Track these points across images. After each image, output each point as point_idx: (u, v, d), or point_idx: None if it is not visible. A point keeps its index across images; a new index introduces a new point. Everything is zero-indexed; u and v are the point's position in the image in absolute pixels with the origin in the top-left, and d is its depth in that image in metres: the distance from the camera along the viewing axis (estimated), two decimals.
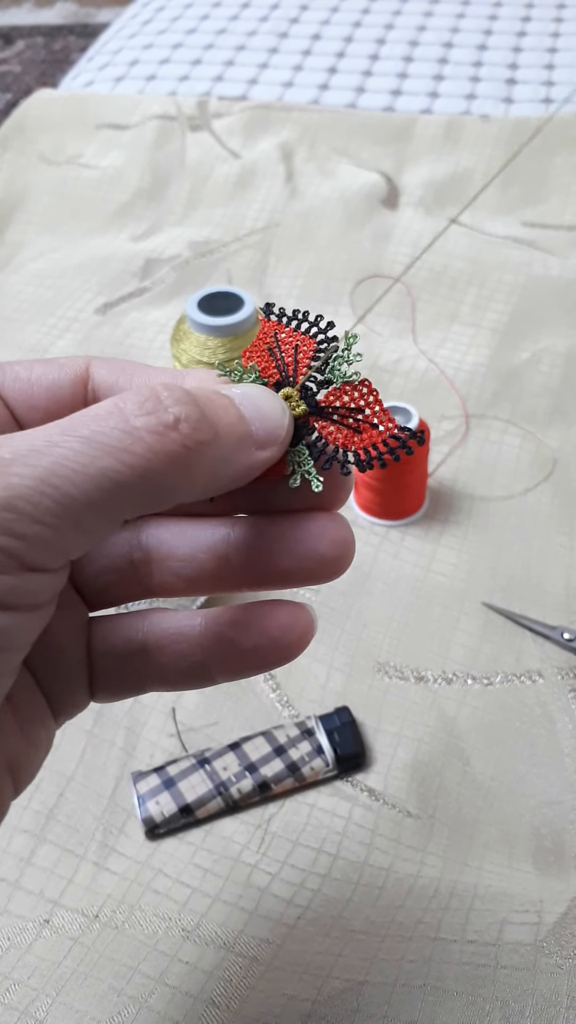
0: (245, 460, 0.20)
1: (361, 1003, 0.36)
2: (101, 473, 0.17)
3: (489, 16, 1.09)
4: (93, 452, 0.17)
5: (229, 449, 0.20)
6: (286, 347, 0.23)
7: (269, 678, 0.51)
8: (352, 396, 0.23)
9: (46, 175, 0.93)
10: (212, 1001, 0.37)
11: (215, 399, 0.20)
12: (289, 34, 1.09)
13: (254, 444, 0.20)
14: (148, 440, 0.18)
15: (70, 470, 0.17)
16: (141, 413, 0.18)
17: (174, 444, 0.18)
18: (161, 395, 0.19)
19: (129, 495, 0.18)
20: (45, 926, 0.41)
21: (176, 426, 0.18)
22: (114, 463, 0.18)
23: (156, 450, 0.18)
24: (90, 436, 0.18)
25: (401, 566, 0.56)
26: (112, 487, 0.18)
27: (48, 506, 0.17)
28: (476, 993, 0.36)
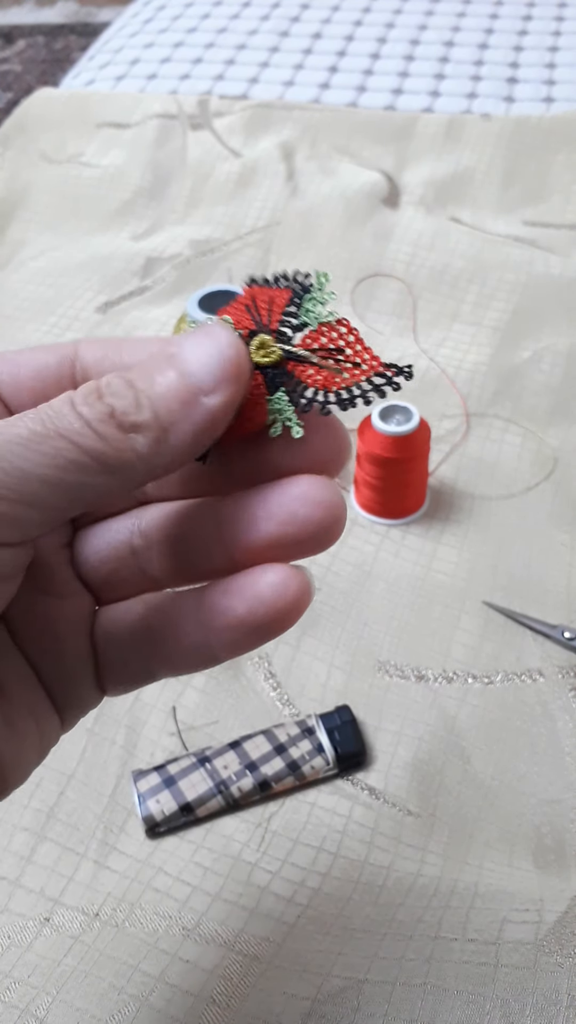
0: (197, 415, 0.20)
1: (361, 1001, 0.36)
2: (55, 451, 0.19)
3: (490, 15, 1.09)
4: (46, 431, 0.19)
5: (175, 415, 0.20)
6: (262, 302, 0.23)
7: (269, 677, 0.51)
8: (331, 337, 0.22)
9: (47, 174, 0.93)
10: (212, 999, 0.38)
11: (152, 369, 0.20)
12: (290, 33, 1.09)
13: (201, 393, 0.20)
14: (94, 427, 0.19)
15: (22, 447, 0.19)
16: (84, 403, 0.19)
17: (113, 430, 0.19)
18: (101, 387, 0.20)
19: (85, 475, 0.19)
20: (45, 924, 0.41)
21: (112, 415, 0.19)
22: (66, 444, 0.19)
23: (101, 435, 0.19)
24: (44, 419, 0.19)
25: (402, 565, 0.56)
26: (67, 465, 0.19)
27: (2, 479, 0.18)
28: (476, 992, 0.36)
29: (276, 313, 0.23)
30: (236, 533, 0.22)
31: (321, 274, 0.22)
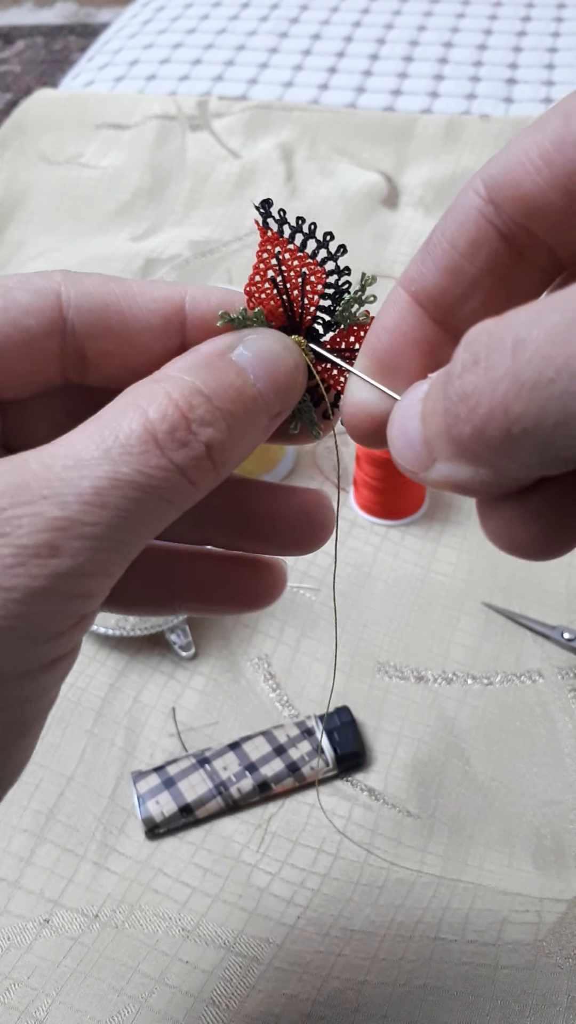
0: (261, 434, 0.20)
1: (361, 1003, 0.36)
2: (148, 514, 0.18)
3: (489, 16, 1.09)
4: (142, 496, 0.17)
5: (246, 440, 0.19)
6: (291, 274, 0.21)
7: (269, 678, 0.51)
8: (358, 337, 0.21)
9: (46, 175, 0.93)
10: (212, 1001, 0.37)
11: (232, 388, 0.19)
12: (289, 34, 1.09)
13: (267, 415, 0.20)
14: (188, 476, 0.18)
15: (123, 520, 0.17)
16: (174, 445, 0.18)
17: (207, 470, 0.18)
18: (187, 415, 0.18)
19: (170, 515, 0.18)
20: (45, 926, 0.41)
21: (209, 455, 0.18)
22: (158, 502, 0.18)
23: (193, 482, 0.18)
24: (139, 481, 0.17)
25: (401, 566, 0.56)
26: (157, 520, 0.18)
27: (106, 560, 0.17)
28: (476, 993, 0.36)
29: (311, 304, 0.21)
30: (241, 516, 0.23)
31: (368, 278, 0.21)
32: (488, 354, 0.14)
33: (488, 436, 0.15)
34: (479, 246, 0.18)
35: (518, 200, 0.17)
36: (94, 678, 0.51)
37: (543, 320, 0.14)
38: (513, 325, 0.14)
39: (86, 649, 0.52)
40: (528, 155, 0.17)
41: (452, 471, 0.16)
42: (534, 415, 0.14)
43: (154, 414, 0.18)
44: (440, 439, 0.16)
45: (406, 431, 0.17)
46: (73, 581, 0.17)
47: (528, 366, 0.14)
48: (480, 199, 0.18)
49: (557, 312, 0.14)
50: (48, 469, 0.17)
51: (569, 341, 0.13)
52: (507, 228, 0.18)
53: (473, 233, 0.18)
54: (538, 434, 0.14)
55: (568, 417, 0.13)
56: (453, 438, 0.16)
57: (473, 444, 0.15)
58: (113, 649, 0.52)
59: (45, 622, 0.17)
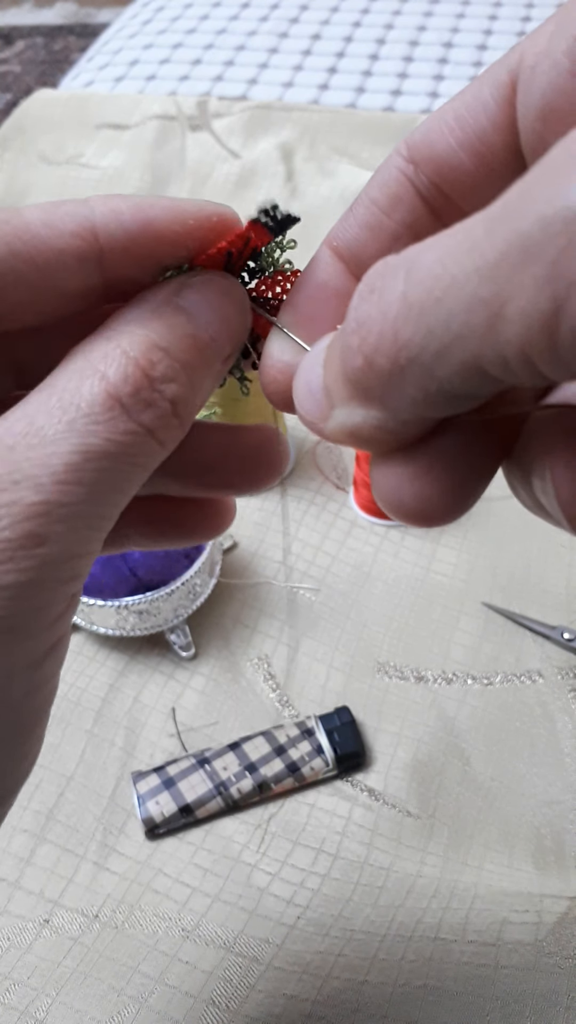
0: (216, 380, 0.19)
1: (361, 1003, 0.36)
2: (122, 481, 0.17)
3: (489, 16, 1.09)
4: (116, 465, 0.17)
5: (207, 384, 0.19)
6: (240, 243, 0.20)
7: (269, 678, 0.51)
8: (284, 288, 0.21)
9: (46, 175, 0.93)
10: (212, 1001, 0.37)
11: (187, 337, 0.18)
12: (289, 34, 1.09)
13: (220, 359, 0.19)
14: (158, 436, 0.17)
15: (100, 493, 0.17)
16: (140, 407, 0.17)
17: (174, 427, 0.18)
18: (149, 372, 0.17)
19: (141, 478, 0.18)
20: (45, 926, 0.41)
21: (175, 411, 0.18)
22: (131, 467, 0.17)
23: (162, 441, 0.18)
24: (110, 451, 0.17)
25: (401, 566, 0.56)
26: (130, 485, 0.17)
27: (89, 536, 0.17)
28: (476, 993, 0.36)
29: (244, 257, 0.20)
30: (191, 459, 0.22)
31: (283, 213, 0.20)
32: (383, 282, 0.14)
33: (378, 366, 0.15)
34: (398, 202, 0.18)
35: (432, 160, 0.18)
36: (94, 678, 0.51)
37: (436, 243, 0.14)
38: (409, 253, 0.14)
39: (86, 649, 0.52)
40: (444, 117, 0.17)
41: (347, 416, 0.16)
42: (419, 341, 0.14)
43: (114, 376, 0.17)
44: (337, 381, 0.16)
45: (308, 380, 0.17)
46: (63, 566, 0.17)
47: (417, 287, 0.14)
48: (402, 159, 0.18)
49: (450, 235, 0.13)
50: (11, 450, 0.16)
51: (458, 260, 0.13)
52: (424, 188, 0.18)
53: (393, 190, 0.18)
54: (423, 361, 0.14)
55: (452, 341, 0.13)
56: (347, 375, 0.16)
57: (363, 377, 0.15)
58: (113, 649, 0.52)
59: (43, 612, 0.17)
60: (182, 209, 0.18)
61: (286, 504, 0.59)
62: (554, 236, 0.12)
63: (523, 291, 0.12)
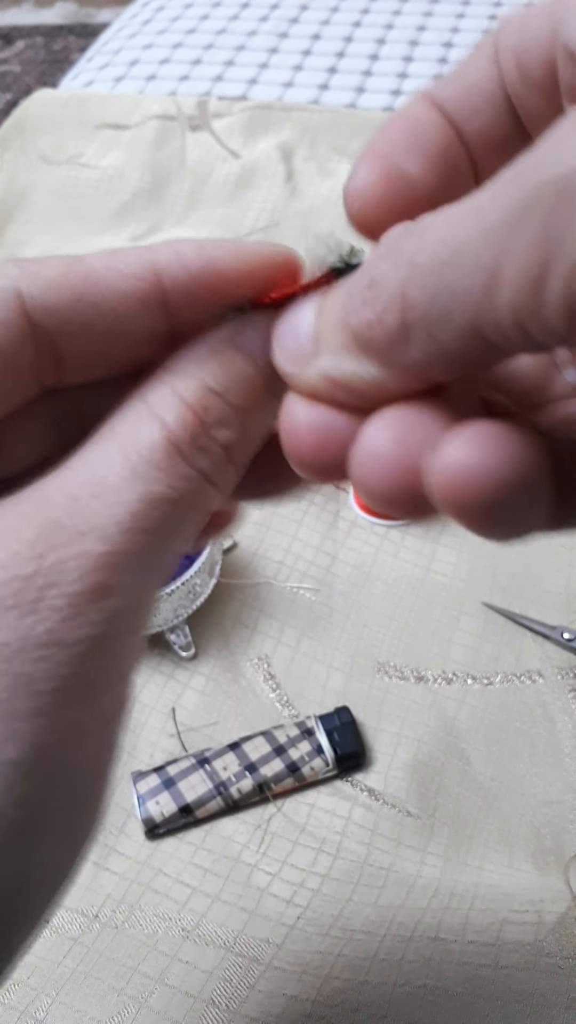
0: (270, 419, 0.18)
1: (361, 1003, 0.36)
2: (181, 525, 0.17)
3: (488, 16, 1.09)
4: (176, 512, 0.17)
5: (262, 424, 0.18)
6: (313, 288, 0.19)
7: (269, 678, 0.51)
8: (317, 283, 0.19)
9: (46, 175, 0.93)
10: (212, 1001, 0.37)
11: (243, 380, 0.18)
12: (289, 34, 1.09)
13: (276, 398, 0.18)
14: (213, 481, 0.17)
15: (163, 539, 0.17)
16: (197, 453, 0.17)
17: (228, 472, 0.18)
18: (204, 418, 0.17)
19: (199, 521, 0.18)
20: (45, 926, 0.41)
21: (228, 457, 0.18)
22: (189, 511, 0.17)
23: (218, 486, 0.18)
24: (172, 497, 0.17)
25: (401, 566, 0.56)
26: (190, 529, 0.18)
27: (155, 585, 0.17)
28: (476, 993, 0.36)
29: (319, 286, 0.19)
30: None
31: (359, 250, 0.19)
32: (399, 243, 0.14)
33: (385, 324, 0.15)
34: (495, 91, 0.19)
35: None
36: None
37: (449, 210, 0.14)
38: (425, 219, 0.14)
39: None
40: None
41: (335, 365, 0.16)
42: (425, 303, 0.14)
43: (172, 422, 0.17)
44: (333, 329, 0.16)
45: (297, 323, 0.17)
46: (131, 616, 0.16)
47: (426, 250, 0.14)
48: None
49: (461, 204, 0.14)
50: (76, 500, 0.16)
51: (465, 226, 0.13)
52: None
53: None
54: (427, 324, 0.14)
55: (454, 304, 0.13)
56: (350, 326, 0.15)
57: (369, 331, 0.15)
58: None
59: (113, 666, 0.17)
60: (244, 250, 0.18)
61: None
62: (545, 198, 0.12)
63: (515, 255, 0.12)
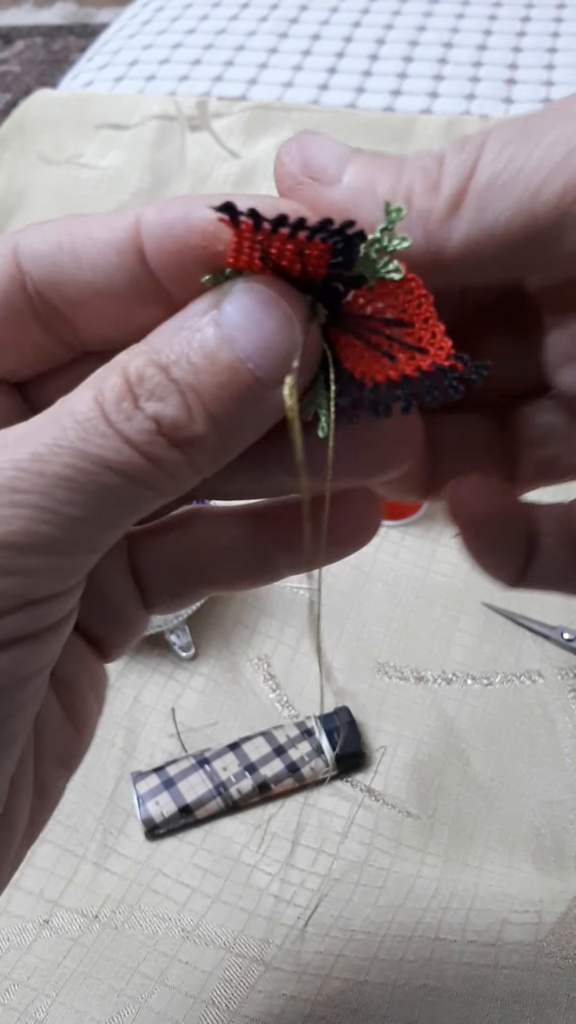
0: (262, 415, 0.16)
1: (361, 1003, 0.36)
2: (106, 490, 0.16)
3: (489, 16, 1.09)
4: (93, 469, 0.16)
5: (236, 420, 0.16)
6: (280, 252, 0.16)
7: (269, 678, 0.51)
8: (391, 301, 0.16)
9: (46, 175, 0.93)
10: (212, 1001, 0.37)
11: (195, 350, 0.16)
12: (289, 34, 1.09)
13: (264, 387, 0.16)
14: (139, 449, 0.16)
15: (69, 491, 0.16)
16: (122, 416, 0.16)
17: (164, 450, 0.16)
18: (132, 382, 0.16)
19: (131, 502, 0.16)
20: (45, 926, 0.41)
21: (160, 431, 0.16)
22: (116, 479, 0.16)
23: (149, 458, 0.16)
24: (85, 450, 0.16)
25: (401, 566, 0.56)
26: (121, 500, 0.16)
27: (48, 534, 0.16)
28: (476, 993, 0.36)
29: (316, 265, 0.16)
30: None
31: (393, 208, 0.15)
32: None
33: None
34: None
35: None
36: None
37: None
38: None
39: None
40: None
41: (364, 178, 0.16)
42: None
43: (106, 385, 0.16)
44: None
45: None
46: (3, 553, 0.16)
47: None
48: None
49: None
50: (4, 449, 0.16)
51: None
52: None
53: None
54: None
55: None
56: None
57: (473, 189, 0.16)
58: None
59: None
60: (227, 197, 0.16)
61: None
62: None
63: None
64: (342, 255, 0.15)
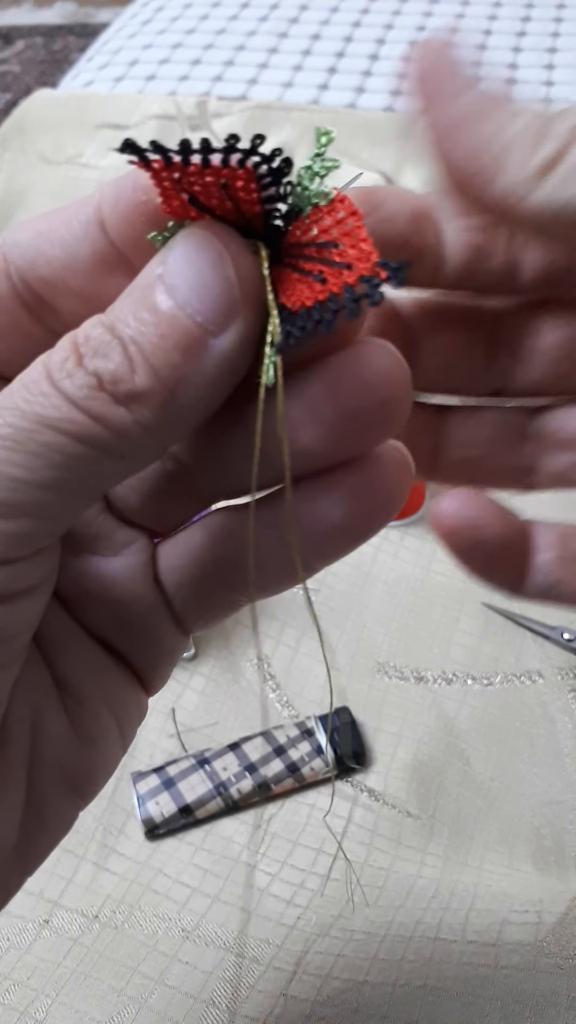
0: (209, 365, 0.16)
1: (361, 1003, 0.36)
2: (45, 448, 0.15)
3: (489, 16, 1.09)
4: (31, 427, 0.15)
5: (180, 369, 0.15)
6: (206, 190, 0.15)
7: (269, 678, 0.51)
8: (325, 225, 0.16)
9: (46, 175, 0.93)
10: (212, 1001, 0.37)
11: (137, 304, 0.16)
12: (289, 34, 1.09)
13: (208, 333, 0.15)
14: (82, 407, 0.15)
15: (6, 450, 0.15)
16: (64, 375, 0.16)
17: (106, 406, 0.15)
18: (79, 343, 0.16)
19: (89, 466, 0.16)
20: (45, 926, 0.41)
21: (101, 386, 0.15)
22: (55, 436, 0.15)
23: (93, 416, 0.15)
24: (26, 409, 0.15)
25: (401, 566, 0.56)
26: (64, 461, 0.15)
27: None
28: (476, 993, 0.36)
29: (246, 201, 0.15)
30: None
31: (322, 132, 0.16)
32: None
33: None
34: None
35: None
36: None
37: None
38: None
39: None
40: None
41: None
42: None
43: (55, 349, 0.16)
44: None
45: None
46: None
47: None
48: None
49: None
50: None
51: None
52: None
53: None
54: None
55: None
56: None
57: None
58: None
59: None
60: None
61: None
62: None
63: None
64: (270, 182, 0.15)
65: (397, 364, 0.17)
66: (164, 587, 0.21)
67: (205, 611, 0.21)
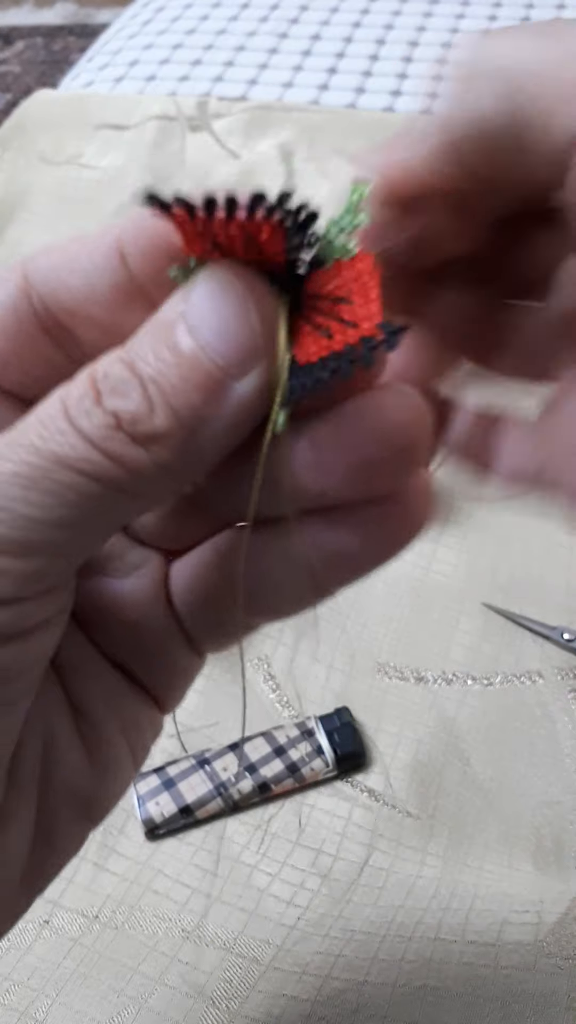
0: (229, 408, 0.15)
1: (361, 1003, 0.36)
2: (61, 488, 0.15)
3: (489, 16, 1.09)
4: (47, 465, 0.15)
5: (201, 412, 0.15)
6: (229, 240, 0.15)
7: (269, 678, 0.51)
8: (342, 280, 0.16)
9: (46, 175, 0.93)
10: (212, 1001, 0.37)
11: (157, 343, 0.16)
12: (289, 34, 1.09)
13: (229, 376, 0.15)
14: (99, 447, 0.15)
15: (22, 488, 0.15)
16: (81, 412, 0.15)
17: (124, 447, 0.15)
18: (97, 380, 0.16)
19: (105, 506, 0.16)
20: (45, 927, 0.41)
21: (119, 426, 0.15)
22: (73, 476, 0.15)
23: (111, 456, 0.15)
24: (41, 446, 0.15)
25: (401, 566, 0.56)
26: (79, 501, 0.15)
27: (5, 534, 0.15)
28: (476, 994, 0.36)
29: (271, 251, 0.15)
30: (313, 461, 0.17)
31: (358, 186, 0.16)
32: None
33: None
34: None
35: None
36: None
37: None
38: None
39: None
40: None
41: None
42: None
43: (72, 384, 0.16)
44: None
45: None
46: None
47: None
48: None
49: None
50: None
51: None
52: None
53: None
54: None
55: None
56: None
57: None
58: None
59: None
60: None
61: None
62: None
63: None
64: (295, 234, 0.15)
65: (415, 411, 0.17)
66: (176, 607, 0.21)
67: (217, 632, 0.21)
